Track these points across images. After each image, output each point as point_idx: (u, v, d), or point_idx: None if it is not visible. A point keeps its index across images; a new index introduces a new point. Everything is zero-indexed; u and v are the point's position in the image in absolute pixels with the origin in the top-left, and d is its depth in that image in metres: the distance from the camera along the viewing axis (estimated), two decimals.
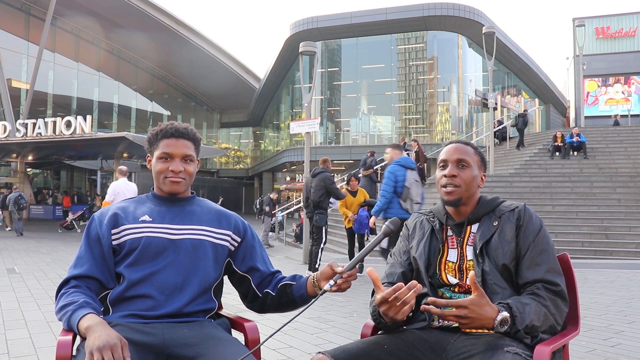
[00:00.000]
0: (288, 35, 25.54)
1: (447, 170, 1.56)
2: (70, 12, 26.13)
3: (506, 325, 1.30)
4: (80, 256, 1.51)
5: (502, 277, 1.45)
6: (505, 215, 1.52)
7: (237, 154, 44.39)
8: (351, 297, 5.16)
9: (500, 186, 12.36)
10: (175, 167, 1.56)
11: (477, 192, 1.59)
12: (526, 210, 1.52)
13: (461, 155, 1.56)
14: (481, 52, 24.58)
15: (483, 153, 1.65)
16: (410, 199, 5.34)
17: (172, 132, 1.58)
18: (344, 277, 1.41)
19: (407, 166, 5.46)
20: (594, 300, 5.13)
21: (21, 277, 6.64)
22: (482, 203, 1.57)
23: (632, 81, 26.47)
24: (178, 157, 1.57)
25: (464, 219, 1.56)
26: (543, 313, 1.36)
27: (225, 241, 1.61)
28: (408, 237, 1.68)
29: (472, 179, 1.55)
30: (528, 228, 1.48)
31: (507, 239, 1.47)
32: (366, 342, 1.43)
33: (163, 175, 1.57)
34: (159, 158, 1.57)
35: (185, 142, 1.59)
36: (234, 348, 1.40)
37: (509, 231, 1.48)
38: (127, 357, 1.21)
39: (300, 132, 10.83)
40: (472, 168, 1.56)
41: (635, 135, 16.11)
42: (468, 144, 1.62)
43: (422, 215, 1.70)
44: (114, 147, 18.99)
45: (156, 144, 1.59)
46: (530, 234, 1.47)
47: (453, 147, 1.60)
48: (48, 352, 3.28)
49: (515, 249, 1.46)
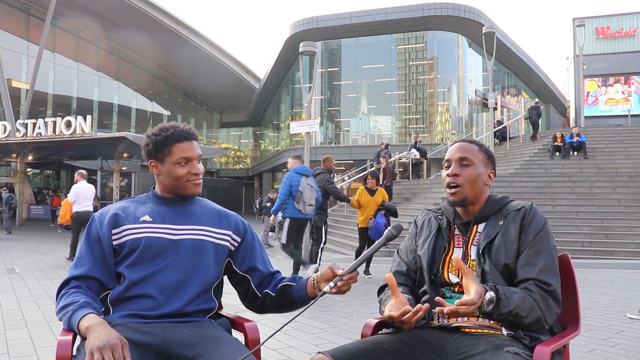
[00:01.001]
0: (288, 35, 25.54)
1: (450, 169, 1.57)
2: (70, 12, 26.12)
3: (492, 305, 1.33)
4: (81, 256, 1.51)
5: (502, 277, 1.45)
6: (511, 214, 1.52)
7: (237, 154, 44.37)
8: (351, 297, 5.17)
9: (500, 186, 12.36)
10: (196, 170, 1.58)
11: (485, 190, 1.58)
12: (532, 209, 1.52)
13: (464, 154, 1.57)
14: (481, 52, 24.58)
15: (490, 150, 1.64)
16: (303, 202, 5.98)
17: (186, 136, 1.58)
18: (344, 279, 1.41)
19: (302, 173, 6.12)
20: (594, 300, 5.13)
21: (21, 277, 6.64)
22: (491, 202, 1.57)
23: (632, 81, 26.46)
24: (195, 159, 1.59)
25: (471, 218, 1.56)
26: (530, 304, 1.37)
27: (225, 241, 1.61)
28: (415, 236, 1.68)
29: (476, 177, 1.54)
30: (530, 228, 1.48)
31: (510, 239, 1.47)
32: (366, 342, 1.43)
33: (185, 179, 1.57)
34: (177, 163, 1.56)
35: (196, 143, 1.62)
36: (234, 348, 1.40)
37: (512, 231, 1.48)
38: (127, 357, 1.21)
39: (300, 132, 10.84)
40: (475, 166, 1.55)
41: (635, 135, 16.11)
42: (473, 142, 1.62)
43: (430, 213, 1.69)
44: (114, 147, 18.97)
45: (167, 149, 1.57)
46: (531, 234, 1.47)
47: (456, 146, 1.61)
48: (48, 352, 3.28)
49: (518, 248, 1.47)
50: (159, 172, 1.60)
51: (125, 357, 1.20)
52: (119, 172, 20.57)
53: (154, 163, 1.60)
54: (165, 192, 1.62)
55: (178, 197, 1.62)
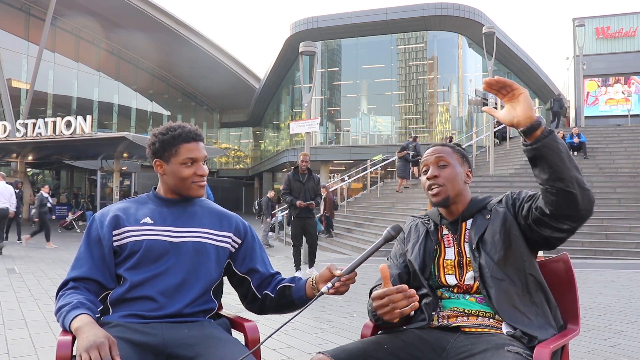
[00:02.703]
0: (288, 35, 25.52)
1: (429, 173, 1.59)
2: (70, 12, 26.11)
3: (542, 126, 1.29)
4: (80, 257, 1.51)
5: (499, 269, 1.45)
6: (494, 207, 1.54)
7: (237, 154, 44.36)
8: (351, 297, 5.17)
9: (500, 186, 12.36)
10: (202, 171, 1.58)
11: (466, 190, 1.60)
12: (510, 193, 1.57)
13: (439, 154, 1.60)
14: (481, 52, 24.57)
15: (463, 150, 1.67)
16: None
17: (193, 136, 1.58)
18: (342, 280, 1.41)
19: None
20: (594, 300, 5.13)
21: (21, 277, 6.64)
22: (474, 202, 1.60)
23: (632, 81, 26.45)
24: (201, 160, 1.58)
25: (458, 216, 1.57)
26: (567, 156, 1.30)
27: (226, 243, 1.61)
28: (404, 241, 1.69)
29: (455, 176, 1.57)
30: (511, 198, 1.53)
31: (500, 223, 1.49)
32: (366, 342, 1.43)
33: (190, 181, 1.57)
34: (183, 163, 1.56)
35: (202, 145, 1.61)
36: (233, 348, 1.40)
37: (501, 215, 1.51)
38: (115, 356, 1.20)
39: (300, 132, 10.85)
40: (452, 165, 1.58)
41: (635, 135, 16.11)
42: (445, 145, 1.65)
43: (417, 219, 1.71)
44: (114, 147, 18.97)
45: (174, 149, 1.56)
46: (513, 194, 1.53)
47: (430, 150, 1.64)
48: (48, 352, 3.28)
49: (514, 221, 1.49)
50: (163, 171, 1.59)
51: (114, 357, 1.19)
52: (119, 172, 20.57)
53: (159, 162, 1.59)
54: (168, 193, 1.62)
55: (179, 198, 1.62)
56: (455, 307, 1.49)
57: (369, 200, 15.33)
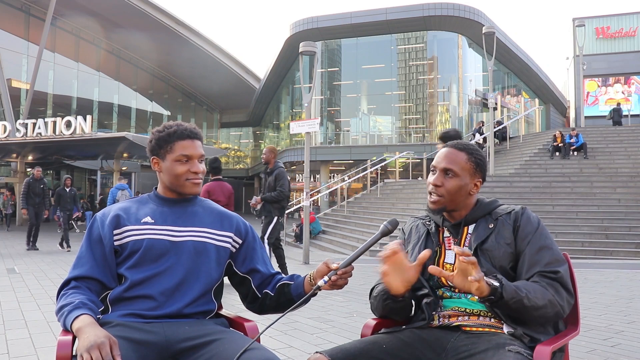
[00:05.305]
0: (288, 36, 25.52)
1: (433, 178, 1.55)
2: (70, 12, 26.09)
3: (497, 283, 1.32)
4: (81, 257, 1.51)
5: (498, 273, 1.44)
6: (502, 217, 1.51)
7: (237, 154, 44.36)
8: (351, 297, 5.16)
9: (500, 186, 12.35)
10: (196, 168, 1.58)
11: (470, 198, 1.56)
12: (524, 211, 1.52)
13: (449, 165, 1.53)
14: (481, 52, 24.57)
15: (480, 156, 1.58)
16: None
17: (188, 134, 1.58)
18: (339, 273, 1.41)
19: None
20: (594, 300, 5.13)
21: (21, 277, 6.63)
22: (480, 206, 1.57)
23: (632, 81, 26.46)
24: (196, 157, 1.58)
25: (461, 220, 1.56)
26: (539, 289, 1.37)
27: (227, 243, 1.62)
28: (404, 242, 1.68)
29: (458, 189, 1.52)
30: (526, 229, 1.48)
31: (505, 242, 1.47)
32: (364, 341, 1.43)
33: (184, 178, 1.57)
34: (177, 160, 1.56)
35: (199, 142, 1.61)
36: (237, 336, 1.44)
37: (507, 233, 1.48)
38: (116, 355, 1.20)
39: (300, 132, 10.84)
40: (460, 177, 1.52)
41: (635, 135, 16.09)
42: (463, 149, 1.56)
43: (418, 220, 1.69)
44: (114, 147, 18.97)
45: (169, 146, 1.57)
46: (529, 234, 1.47)
47: (444, 152, 1.57)
48: (48, 352, 3.28)
49: (514, 251, 1.46)
50: (159, 169, 1.60)
51: (115, 356, 1.20)
52: (119, 172, 20.56)
53: (156, 160, 1.60)
54: (167, 192, 1.62)
55: (180, 197, 1.62)
56: (457, 306, 1.49)
57: (369, 200, 15.33)
